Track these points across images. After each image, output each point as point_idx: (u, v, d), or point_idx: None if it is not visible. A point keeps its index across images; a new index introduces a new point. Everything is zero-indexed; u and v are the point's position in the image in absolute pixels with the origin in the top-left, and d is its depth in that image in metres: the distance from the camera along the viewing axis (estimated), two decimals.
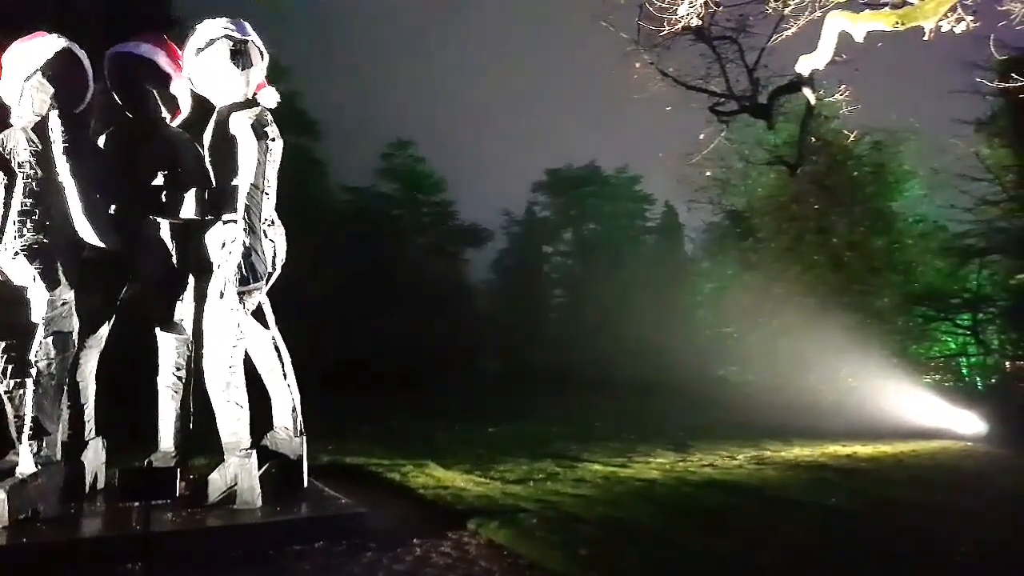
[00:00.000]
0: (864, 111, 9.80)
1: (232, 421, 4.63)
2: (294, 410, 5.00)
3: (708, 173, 17.28)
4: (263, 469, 4.71)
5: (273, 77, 5.33)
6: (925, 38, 5.36)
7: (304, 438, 4.99)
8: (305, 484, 4.98)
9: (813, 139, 13.89)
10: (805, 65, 6.51)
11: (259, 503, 4.53)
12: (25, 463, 4.27)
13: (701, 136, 10.90)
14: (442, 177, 26.57)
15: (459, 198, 26.99)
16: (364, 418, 11.22)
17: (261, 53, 5.04)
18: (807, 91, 6.87)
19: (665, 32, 7.66)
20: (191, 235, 5.00)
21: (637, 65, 9.67)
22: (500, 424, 11.21)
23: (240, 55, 4.89)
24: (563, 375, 20.76)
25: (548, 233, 29.49)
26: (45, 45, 4.66)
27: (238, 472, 4.57)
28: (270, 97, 5.04)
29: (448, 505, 5.39)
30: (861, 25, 5.49)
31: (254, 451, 4.65)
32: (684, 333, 20.31)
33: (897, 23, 5.30)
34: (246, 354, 4.83)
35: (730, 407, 14.03)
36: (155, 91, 5.14)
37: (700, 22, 7.66)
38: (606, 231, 28.05)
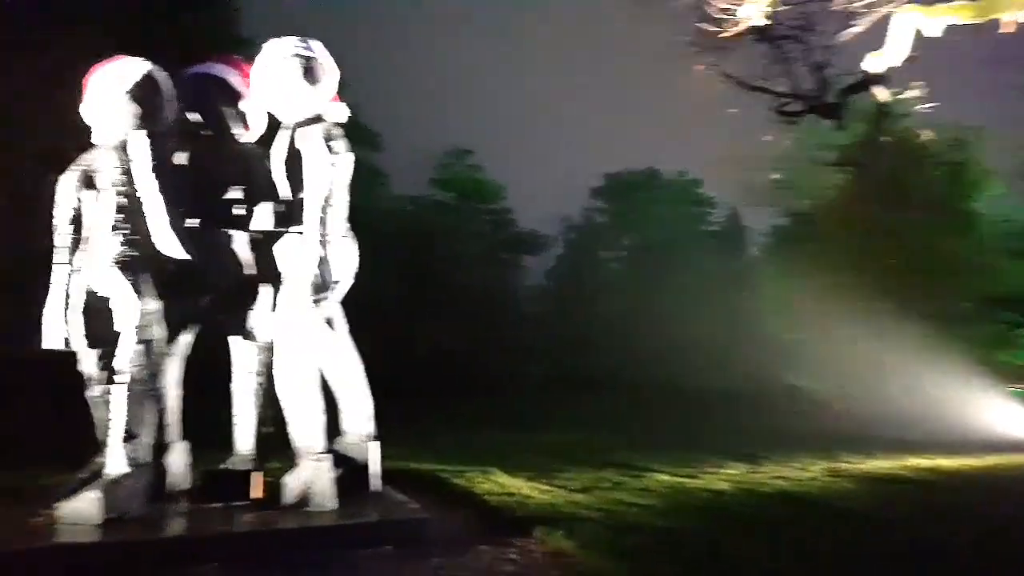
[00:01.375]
0: (936, 109, 9.52)
1: (306, 425, 4.79)
2: (365, 416, 5.12)
3: (774, 176, 16.97)
4: (335, 473, 4.82)
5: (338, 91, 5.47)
6: (1001, 30, 5.16)
7: (375, 443, 5.10)
8: (376, 489, 5.08)
9: (884, 138, 13.50)
10: (874, 63, 6.35)
11: (332, 506, 4.66)
12: (115, 465, 4.49)
13: (766, 138, 10.72)
14: (500, 184, 26.78)
15: (517, 205, 27.17)
16: (424, 424, 11.38)
17: (329, 69, 5.19)
18: (879, 89, 6.70)
19: (727, 33, 7.59)
20: (264, 247, 5.19)
21: (699, 67, 9.59)
22: (561, 432, 11.20)
23: (309, 72, 5.05)
24: (623, 383, 20.62)
25: (606, 238, 29.39)
26: (128, 68, 4.93)
27: (312, 475, 4.71)
28: (339, 112, 5.19)
29: (513, 512, 5.42)
30: (936, 20, 5.32)
31: (327, 455, 4.78)
32: (750, 340, 19.94)
33: (976, 16, 5.12)
34: (318, 361, 4.98)
35: (802, 417, 13.69)
36: (227, 109, 5.36)
37: (766, 21, 7.54)
38: (665, 236, 27.77)
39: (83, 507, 4.32)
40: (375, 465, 5.11)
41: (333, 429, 5.06)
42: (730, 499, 6.29)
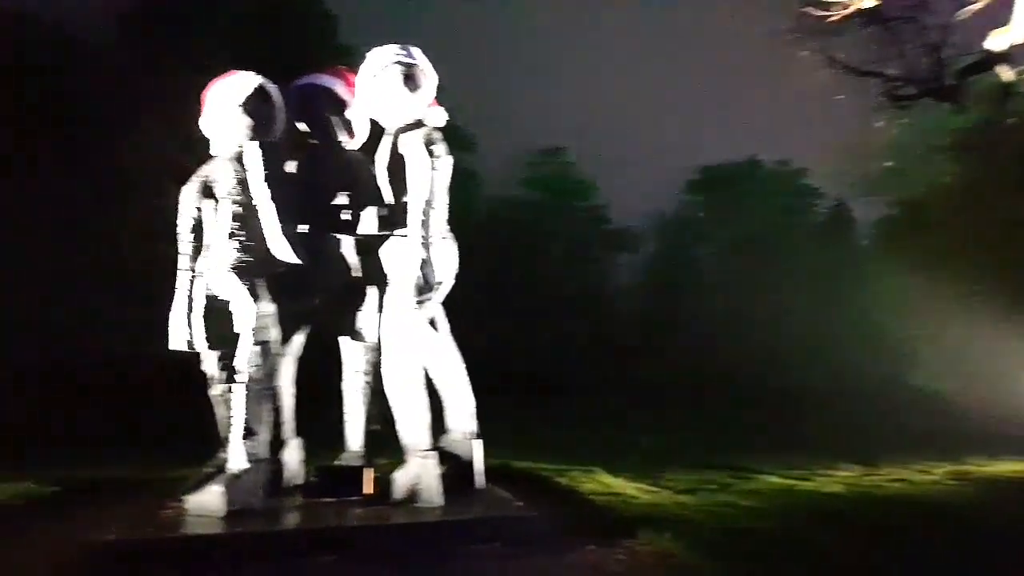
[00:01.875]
0: None
1: (412, 423, 4.91)
2: (468, 414, 5.20)
3: (885, 164, 16.11)
4: (441, 470, 4.91)
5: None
6: None
7: (478, 441, 5.17)
8: (480, 486, 5.15)
9: (1010, 120, 12.59)
10: (997, 40, 5.93)
11: (440, 502, 4.75)
12: (236, 460, 4.73)
13: (876, 124, 10.19)
14: (591, 182, 26.56)
15: (610, 201, 26.84)
16: (526, 423, 11.44)
17: (428, 75, 5.29)
18: (1003, 68, 6.25)
19: (834, 17, 7.26)
20: (370, 250, 5.35)
21: (803, 53, 9.22)
22: (662, 431, 11.03)
23: (410, 79, 5.17)
24: (726, 381, 20.06)
25: (703, 233, 28.66)
26: (240, 82, 5.19)
27: (419, 472, 4.82)
28: (438, 116, 5.29)
29: (618, 512, 5.37)
30: None
31: (434, 452, 4.88)
32: (861, 336, 19.03)
33: None
34: (422, 360, 5.09)
35: (921, 416, 12.95)
36: (334, 118, 5.55)
37: (876, 2, 7.18)
38: (767, 229, 26.77)
39: (208, 500, 4.57)
40: (479, 463, 5.18)
41: (440, 427, 5.15)
42: (845, 503, 6.02)
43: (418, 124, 5.18)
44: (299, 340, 5.48)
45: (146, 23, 11.99)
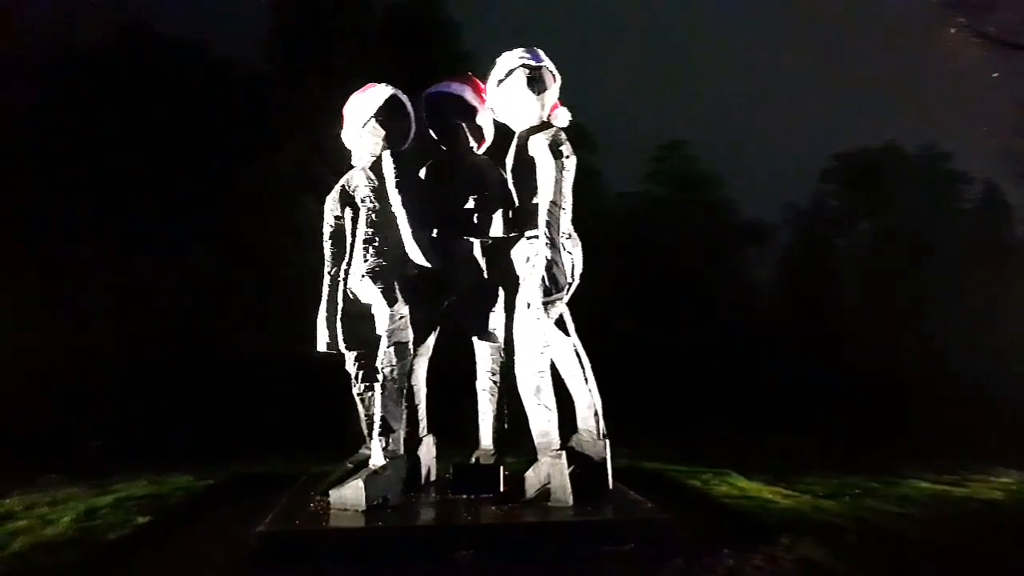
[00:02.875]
0: None
1: (543, 423, 4.94)
2: (596, 414, 5.17)
3: None
4: (571, 470, 4.91)
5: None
6: None
7: (607, 441, 5.13)
8: (610, 487, 5.11)
9: None
10: None
11: (571, 502, 4.75)
12: (376, 456, 4.94)
13: None
14: (717, 176, 25.73)
15: (739, 194, 25.88)
16: (655, 424, 11.23)
17: (553, 76, 5.31)
18: None
19: None
20: (499, 252, 5.43)
21: (950, 29, 8.57)
22: (801, 432, 10.55)
23: (536, 81, 5.20)
24: (869, 379, 18.89)
25: (841, 224, 27.10)
26: (376, 94, 5.41)
27: (550, 471, 4.85)
28: (563, 117, 5.30)
29: (755, 517, 5.19)
30: None
31: (564, 452, 4.89)
32: (1018, 330, 17.44)
33: None
34: (551, 360, 5.11)
35: None
36: (463, 124, 5.67)
37: None
38: (910, 217, 24.96)
39: (350, 494, 4.78)
40: (608, 463, 5.14)
41: (571, 427, 5.16)
42: (1005, 511, 5.56)
43: (544, 126, 5.21)
44: (431, 340, 5.64)
45: (288, 45, 12.77)
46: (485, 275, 5.61)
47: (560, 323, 5.18)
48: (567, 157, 5.11)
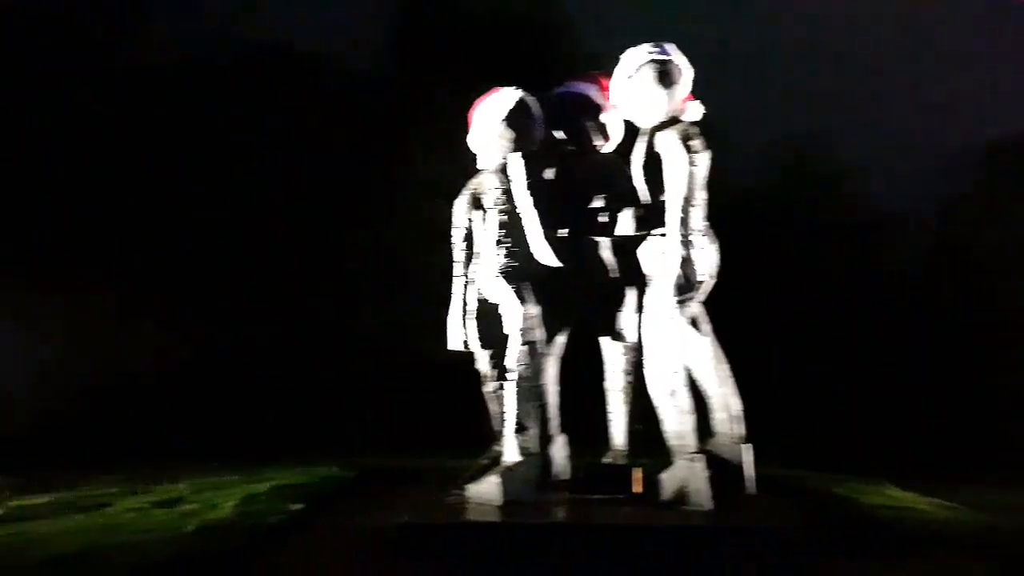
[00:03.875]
0: None
1: (678, 425, 4.85)
2: (735, 416, 5.02)
3: None
4: (709, 474, 4.80)
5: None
6: None
7: (748, 445, 4.97)
8: (750, 492, 4.95)
9: None
10: None
11: (709, 506, 4.64)
12: (510, 454, 5.02)
13: None
14: (856, 166, 24.28)
15: (878, 185, 24.30)
16: (795, 428, 10.73)
17: (683, 70, 5.20)
18: None
19: None
20: (628, 251, 5.39)
21: None
22: (959, 438, 9.79)
23: (665, 76, 5.12)
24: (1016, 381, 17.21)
25: (992, 215, 24.87)
26: (503, 98, 5.50)
27: (687, 474, 4.75)
28: (695, 111, 5.19)
29: (912, 530, 4.87)
30: None
31: (701, 455, 4.78)
32: None
33: None
34: (685, 361, 5.01)
35: None
36: (590, 123, 5.67)
37: None
38: None
39: (486, 490, 4.90)
40: (749, 468, 4.98)
41: (707, 430, 5.04)
42: None
43: (674, 121, 5.12)
44: (561, 340, 5.67)
45: (414, 53, 13.25)
46: (613, 274, 5.58)
47: (695, 323, 5.06)
48: (699, 152, 5.00)
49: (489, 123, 5.47)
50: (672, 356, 4.90)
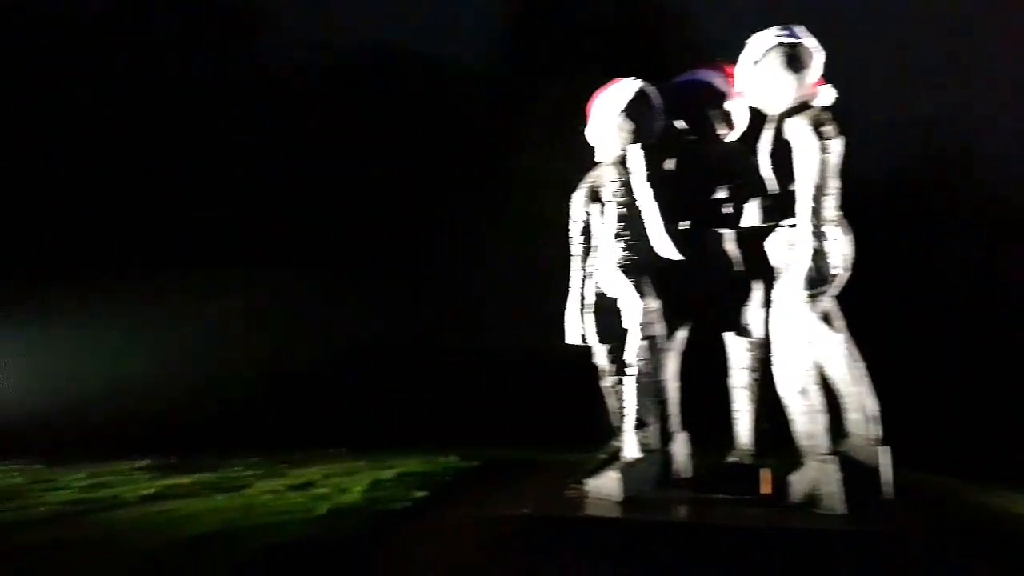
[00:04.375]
0: None
1: (808, 424, 4.64)
2: (871, 417, 4.75)
3: None
4: (843, 476, 4.56)
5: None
6: None
7: (885, 448, 4.70)
8: (888, 497, 4.67)
9: None
10: None
11: (843, 509, 4.42)
12: (630, 450, 4.97)
13: None
14: (995, 154, 22.37)
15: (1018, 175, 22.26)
16: (937, 430, 10.05)
17: (813, 53, 4.96)
18: None
19: None
20: (754, 243, 5.20)
21: None
22: None
23: (794, 60, 4.90)
24: None
25: None
26: (623, 89, 5.43)
27: (818, 476, 4.53)
28: (826, 95, 4.94)
29: None
30: None
31: (834, 456, 4.56)
32: None
33: None
34: (817, 358, 4.78)
35: None
36: (712, 111, 5.51)
37: None
38: None
39: (606, 485, 4.86)
40: (886, 471, 4.69)
41: (839, 430, 4.80)
42: None
43: (804, 106, 4.89)
44: (682, 335, 5.56)
45: (526, 47, 13.34)
46: (738, 268, 5.41)
47: (827, 318, 4.82)
48: (831, 139, 4.75)
49: (608, 115, 5.42)
50: (803, 353, 4.68)
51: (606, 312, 5.45)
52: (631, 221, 5.28)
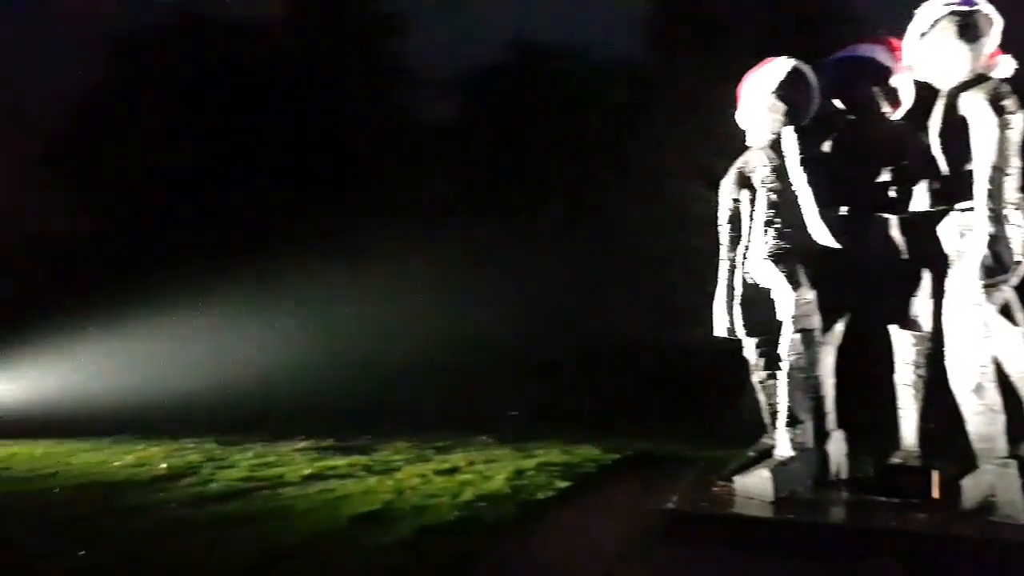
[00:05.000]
0: None
1: (984, 426, 4.24)
2: None
3: None
4: (1021, 482, 4.15)
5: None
6: None
7: None
8: None
9: None
10: None
11: (1023, 518, 4.02)
12: (782, 448, 4.75)
13: None
14: None
15: None
16: None
17: (990, 21, 4.52)
18: None
19: None
20: (922, 229, 4.81)
21: None
22: None
23: (968, 28, 4.48)
24: None
25: None
26: (775, 69, 5.16)
27: (995, 481, 4.15)
28: (1006, 66, 4.49)
29: None
30: None
31: (1013, 460, 4.15)
32: None
33: None
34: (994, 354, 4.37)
35: None
36: (874, 88, 5.14)
37: None
38: None
39: (756, 483, 4.66)
40: None
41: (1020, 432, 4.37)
42: None
43: (980, 79, 4.47)
44: (839, 328, 5.23)
45: (667, 32, 13.04)
46: (904, 256, 5.03)
47: (1007, 310, 4.39)
48: (1012, 113, 4.31)
49: (759, 96, 5.17)
50: (979, 348, 4.29)
51: (756, 303, 5.22)
52: (783, 207, 5.02)
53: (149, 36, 17.19)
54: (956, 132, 4.49)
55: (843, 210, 4.98)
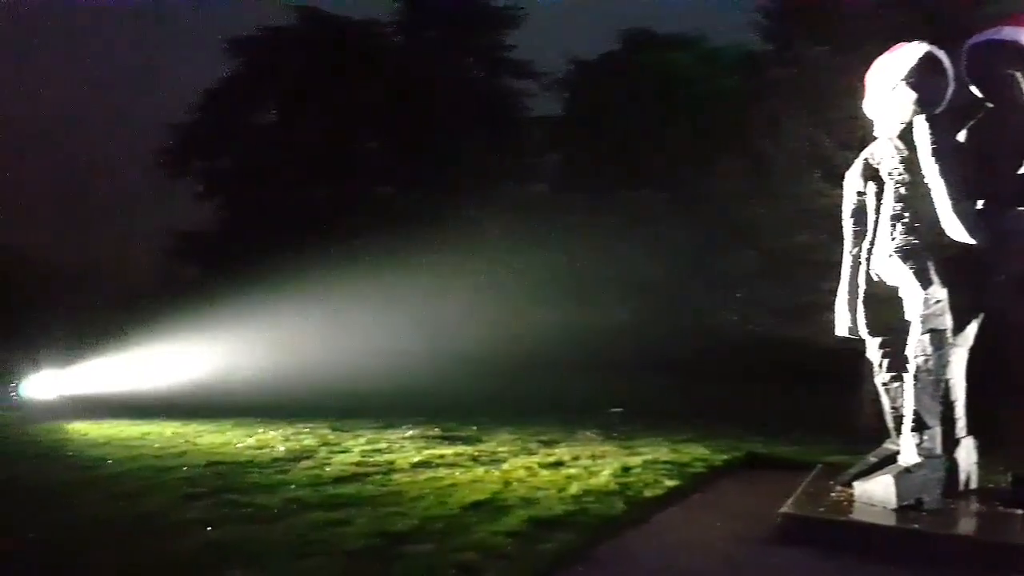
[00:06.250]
0: None
1: None
2: None
3: None
4: None
5: None
6: None
7: None
8: None
9: None
10: None
11: None
12: (907, 454, 4.50)
13: None
14: None
15: None
16: None
17: None
18: None
19: None
20: None
21: None
22: None
23: None
24: None
25: None
26: (907, 54, 4.86)
27: None
28: None
29: None
30: None
31: None
32: None
33: None
34: None
35: None
36: (1016, 74, 4.79)
37: None
38: None
39: (877, 490, 4.46)
40: None
41: None
42: None
43: None
44: (971, 329, 4.91)
45: (787, 21, 12.55)
46: None
47: None
48: None
49: (890, 84, 4.88)
50: None
51: (881, 302, 4.96)
52: (914, 201, 4.74)
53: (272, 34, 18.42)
54: None
55: (979, 204, 4.66)
